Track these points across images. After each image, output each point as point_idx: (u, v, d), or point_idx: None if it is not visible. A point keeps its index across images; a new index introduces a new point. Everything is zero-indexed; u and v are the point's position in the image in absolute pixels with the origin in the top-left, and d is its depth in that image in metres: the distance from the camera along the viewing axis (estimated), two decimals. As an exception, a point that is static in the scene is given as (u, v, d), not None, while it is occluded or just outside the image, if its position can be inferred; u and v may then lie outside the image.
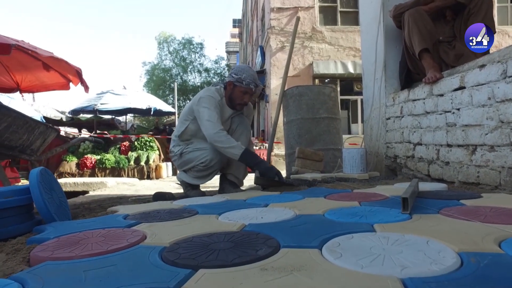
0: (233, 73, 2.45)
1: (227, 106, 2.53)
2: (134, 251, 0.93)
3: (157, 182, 7.72)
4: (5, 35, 5.09)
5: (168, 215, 1.44)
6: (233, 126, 2.60)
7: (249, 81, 2.39)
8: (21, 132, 2.48)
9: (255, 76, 2.47)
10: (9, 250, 1.04)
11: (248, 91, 2.43)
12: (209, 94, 2.45)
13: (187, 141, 2.59)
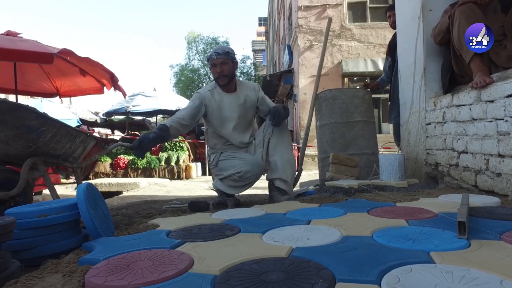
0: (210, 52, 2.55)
1: (223, 92, 2.57)
2: (185, 281, 0.92)
3: (187, 182, 7.85)
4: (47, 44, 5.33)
5: (210, 232, 1.43)
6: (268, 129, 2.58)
7: (212, 53, 2.48)
8: (64, 141, 2.56)
9: (221, 47, 2.56)
10: (64, 271, 1.06)
11: (214, 62, 2.47)
12: (199, 90, 2.66)
13: (219, 148, 2.62)
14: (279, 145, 2.55)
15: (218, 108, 2.53)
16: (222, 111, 2.54)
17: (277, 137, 2.55)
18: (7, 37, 5.21)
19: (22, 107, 2.21)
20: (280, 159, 2.53)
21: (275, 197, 2.55)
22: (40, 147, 2.40)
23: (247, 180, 2.42)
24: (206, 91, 2.57)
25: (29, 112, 2.24)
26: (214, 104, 2.53)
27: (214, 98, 2.53)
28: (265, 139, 2.59)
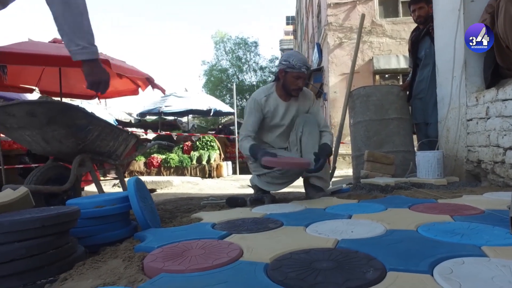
0: (283, 61, 2.42)
1: (280, 98, 2.52)
2: (238, 267, 0.96)
3: (219, 181, 7.98)
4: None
5: (253, 225, 1.47)
6: (299, 128, 2.57)
7: (300, 65, 2.36)
8: (108, 139, 2.70)
9: (304, 59, 2.42)
10: (123, 257, 1.14)
11: (300, 75, 2.39)
12: (254, 95, 2.56)
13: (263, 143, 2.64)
14: (311, 143, 2.55)
15: (271, 116, 2.52)
16: (273, 119, 2.53)
17: (308, 136, 2.55)
18: (54, 44, 5.55)
19: (73, 107, 2.35)
20: (313, 157, 2.54)
21: (311, 193, 2.56)
22: (87, 144, 2.54)
23: (289, 178, 2.44)
24: (262, 97, 2.50)
25: (79, 112, 2.38)
26: (267, 111, 2.51)
27: (269, 105, 2.50)
28: (297, 137, 2.61)
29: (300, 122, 2.58)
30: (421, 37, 3.60)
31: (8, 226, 0.98)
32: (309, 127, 2.56)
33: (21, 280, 0.97)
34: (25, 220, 1.00)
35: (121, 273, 1.00)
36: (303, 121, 2.58)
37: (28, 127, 2.33)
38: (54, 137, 2.40)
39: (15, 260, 0.96)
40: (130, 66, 6.17)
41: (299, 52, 2.50)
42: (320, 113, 2.70)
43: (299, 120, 2.59)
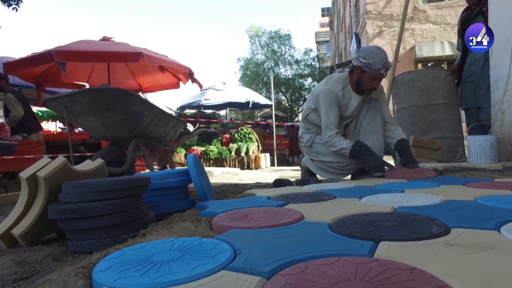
0: (361, 57, 2.27)
1: (353, 91, 2.42)
2: (303, 225, 1.02)
3: (257, 172, 8.08)
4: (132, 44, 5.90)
5: (308, 197, 1.53)
6: (361, 112, 2.52)
7: (379, 66, 2.22)
8: (160, 125, 2.86)
9: (385, 60, 2.26)
10: (191, 220, 1.24)
11: (378, 76, 2.27)
12: (328, 86, 2.41)
13: (315, 131, 2.62)
14: (370, 129, 2.50)
15: (344, 108, 2.45)
16: (346, 111, 2.46)
17: (369, 121, 2.50)
18: (103, 42, 5.90)
19: (130, 93, 2.52)
20: (370, 144, 2.45)
21: (358, 177, 2.56)
22: (141, 130, 2.71)
23: (347, 171, 2.44)
24: (339, 90, 2.40)
25: (135, 98, 2.54)
26: (342, 104, 2.43)
27: (344, 97, 2.42)
28: (357, 122, 2.56)
29: (363, 107, 2.53)
30: (472, 17, 3.45)
31: (96, 186, 1.10)
32: (372, 113, 2.51)
33: (108, 233, 1.10)
34: (109, 182, 1.12)
35: (193, 230, 1.09)
36: (367, 106, 2.52)
37: (91, 113, 2.53)
38: (112, 123, 2.58)
39: (104, 215, 1.08)
40: (172, 60, 6.41)
41: (379, 48, 2.30)
42: (386, 104, 2.62)
43: (364, 106, 2.52)
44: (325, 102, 2.36)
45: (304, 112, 2.64)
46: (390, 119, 2.58)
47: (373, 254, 0.74)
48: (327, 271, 0.64)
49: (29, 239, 1.18)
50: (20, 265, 1.00)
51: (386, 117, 2.54)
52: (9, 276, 0.92)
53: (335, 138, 2.33)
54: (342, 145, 2.30)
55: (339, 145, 2.30)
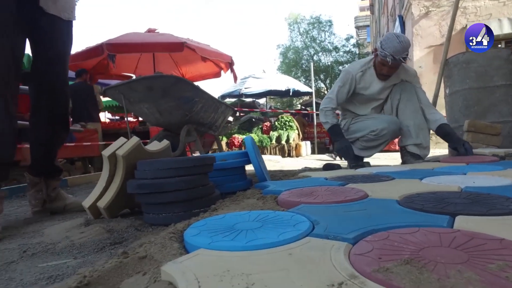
0: (380, 41, 2.36)
1: (377, 76, 2.48)
2: (371, 201, 1.04)
3: (299, 159, 8.07)
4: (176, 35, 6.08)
5: (365, 179, 1.53)
6: (395, 95, 2.53)
7: (385, 53, 2.24)
8: (210, 111, 2.95)
9: (397, 49, 2.23)
10: (256, 197, 1.29)
11: (384, 62, 2.31)
12: (349, 68, 2.55)
13: (350, 115, 2.68)
14: (409, 110, 2.49)
15: (365, 89, 2.51)
16: (365, 90, 2.51)
17: (406, 103, 2.49)
18: (148, 33, 6.13)
19: (182, 80, 2.62)
20: (412, 124, 2.48)
21: (408, 161, 2.51)
22: (193, 116, 2.81)
23: (383, 138, 2.44)
24: (358, 71, 2.49)
25: (187, 84, 2.64)
26: (362, 85, 2.50)
27: (365, 80, 2.49)
28: (393, 106, 2.56)
29: (396, 90, 2.53)
30: None
31: (169, 163, 1.19)
32: (407, 94, 2.50)
33: (181, 208, 1.18)
34: (181, 160, 1.20)
35: (261, 206, 1.14)
36: (400, 89, 2.53)
37: (146, 100, 2.66)
38: (166, 109, 2.70)
39: (178, 190, 1.16)
40: (214, 49, 6.52)
41: (399, 37, 2.27)
42: (421, 88, 2.60)
43: (396, 89, 2.54)
44: (340, 79, 2.56)
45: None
46: (427, 102, 2.55)
47: (452, 227, 0.75)
48: (411, 238, 0.66)
49: (111, 211, 1.29)
50: (110, 232, 1.11)
51: (422, 101, 2.52)
52: (105, 240, 1.03)
53: (329, 111, 2.51)
54: (329, 119, 2.49)
55: (327, 119, 2.50)
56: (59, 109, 1.64)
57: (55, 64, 1.59)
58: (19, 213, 1.82)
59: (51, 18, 1.54)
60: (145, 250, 0.73)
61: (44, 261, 0.90)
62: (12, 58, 1.38)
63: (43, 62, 1.56)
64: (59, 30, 1.59)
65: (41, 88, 1.59)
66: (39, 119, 1.61)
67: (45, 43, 1.56)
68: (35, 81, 1.58)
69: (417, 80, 2.61)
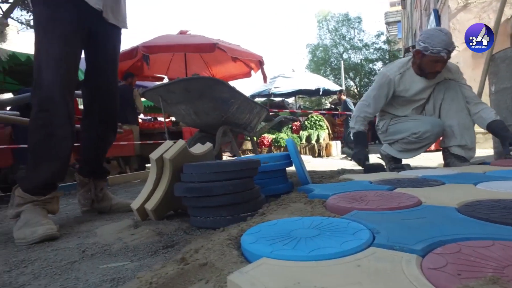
0: (421, 41, 2.23)
1: (417, 75, 2.37)
2: (429, 209, 0.99)
3: (329, 159, 7.96)
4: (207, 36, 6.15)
5: (413, 183, 1.47)
6: (438, 95, 2.42)
7: (438, 49, 2.14)
8: (245, 112, 2.96)
9: (447, 41, 2.15)
10: (302, 201, 1.28)
11: (439, 59, 2.19)
12: (386, 71, 2.44)
13: (389, 116, 2.59)
14: (453, 109, 2.37)
15: (405, 91, 2.41)
16: (407, 92, 2.41)
17: (450, 102, 2.38)
18: (180, 35, 6.25)
19: (219, 82, 2.64)
20: (456, 124, 2.36)
21: (453, 164, 2.40)
22: (229, 117, 2.82)
23: (425, 141, 2.34)
24: (396, 74, 2.38)
25: (224, 86, 2.66)
26: (402, 88, 2.40)
27: (404, 82, 2.39)
28: (436, 106, 2.45)
29: (440, 89, 2.43)
30: None
31: (217, 167, 1.19)
32: (451, 93, 2.39)
33: (228, 212, 1.18)
34: (228, 164, 1.20)
35: (310, 211, 1.12)
36: (444, 88, 2.42)
37: (183, 101, 2.70)
38: (203, 110, 2.73)
39: (226, 194, 1.16)
40: (245, 49, 6.55)
41: (441, 30, 2.22)
42: (466, 85, 2.46)
43: (439, 87, 2.43)
44: (376, 83, 2.45)
45: None
46: (475, 98, 2.41)
47: (531, 239, 0.70)
48: (487, 253, 0.62)
49: (158, 213, 1.32)
50: (160, 235, 1.13)
51: (469, 97, 2.38)
52: (157, 243, 1.05)
53: (360, 119, 2.43)
54: (357, 126, 2.43)
55: (356, 125, 2.44)
56: (110, 112, 1.71)
57: (109, 69, 1.67)
58: (68, 211, 1.90)
59: (109, 27, 1.64)
60: (205, 257, 0.73)
61: (103, 263, 0.92)
62: (74, 66, 1.46)
63: (99, 68, 1.63)
64: (114, 37, 1.70)
65: (95, 92, 1.66)
66: (91, 121, 1.68)
67: (102, 50, 1.64)
68: (89, 85, 1.65)
69: (460, 76, 2.48)
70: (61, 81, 1.39)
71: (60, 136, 1.40)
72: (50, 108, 1.37)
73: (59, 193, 1.48)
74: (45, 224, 1.27)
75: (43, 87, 1.37)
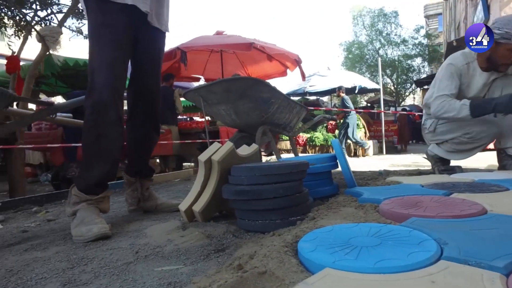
0: (496, 28, 2.01)
1: (480, 69, 2.17)
2: (496, 218, 0.92)
3: (365, 159, 7.74)
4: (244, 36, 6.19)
5: (470, 187, 1.38)
6: (495, 92, 2.20)
7: None
8: (285, 112, 2.93)
9: None
10: (353, 205, 1.23)
11: None
12: (451, 61, 2.22)
13: None
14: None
15: (466, 86, 2.21)
16: (468, 91, 2.22)
17: None
18: (217, 36, 6.34)
19: (260, 81, 2.63)
20: None
21: (510, 167, 2.23)
22: (268, 117, 2.81)
23: (479, 141, 2.17)
24: (463, 63, 2.19)
25: (264, 86, 2.64)
26: (464, 81, 2.20)
27: (468, 73, 2.19)
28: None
29: (497, 86, 2.23)
30: None
31: (267, 170, 1.18)
32: (509, 89, 2.20)
33: (278, 215, 1.16)
34: (278, 166, 1.18)
35: (362, 216, 1.08)
36: (501, 84, 2.22)
37: (224, 102, 2.72)
38: (243, 110, 2.73)
39: (276, 197, 1.15)
40: (280, 48, 6.51)
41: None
42: None
43: (497, 84, 2.23)
44: (444, 73, 2.18)
45: (427, 97, 2.43)
46: None
47: None
48: None
49: (205, 215, 1.33)
50: (209, 238, 1.13)
51: None
52: (207, 247, 1.05)
53: (450, 101, 2.07)
54: (456, 106, 2.03)
55: (456, 107, 2.03)
56: (153, 113, 1.75)
57: (153, 71, 1.71)
58: (115, 209, 1.97)
59: (154, 31, 1.68)
60: (263, 265, 0.72)
61: (158, 265, 0.94)
62: (124, 70, 1.51)
63: (143, 71, 1.67)
64: (158, 40, 1.73)
65: (140, 93, 1.70)
66: (135, 122, 1.72)
67: (147, 53, 1.68)
68: (134, 86, 1.70)
69: None
70: (111, 84, 1.44)
71: (110, 137, 1.45)
72: (102, 110, 1.42)
73: (109, 192, 1.54)
74: (98, 223, 1.32)
75: (95, 91, 1.43)
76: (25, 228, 1.69)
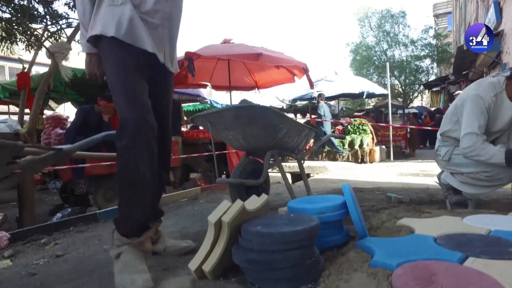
0: None
1: (507, 100, 2.07)
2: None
3: (373, 166, 7.69)
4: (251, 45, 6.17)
5: (486, 246, 1.34)
6: None
7: None
8: (294, 135, 2.91)
9: None
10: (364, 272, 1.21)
11: None
12: (478, 91, 2.09)
13: (453, 143, 2.36)
14: None
15: (492, 119, 2.10)
16: (494, 124, 2.12)
17: None
18: (224, 44, 6.32)
19: (269, 110, 2.61)
20: None
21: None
22: (277, 141, 2.79)
23: (498, 181, 2.09)
24: (492, 96, 2.07)
25: (274, 114, 2.63)
26: (492, 115, 2.09)
27: (496, 106, 2.08)
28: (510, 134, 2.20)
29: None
30: None
31: (279, 237, 1.15)
32: None
33: (288, 284, 1.14)
34: (290, 233, 1.16)
35: (376, 290, 1.05)
36: None
37: (232, 128, 2.70)
38: (251, 135, 2.72)
39: (287, 267, 1.13)
40: (289, 57, 6.49)
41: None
42: None
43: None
44: (473, 108, 2.06)
45: (444, 126, 2.35)
46: None
47: None
48: None
49: (214, 274, 1.32)
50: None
51: None
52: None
53: (482, 144, 1.99)
54: (491, 151, 1.96)
55: (488, 152, 1.96)
56: (165, 154, 1.74)
57: (166, 112, 1.73)
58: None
59: (165, 72, 1.70)
60: None
61: None
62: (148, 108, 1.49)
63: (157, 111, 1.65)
64: (170, 81, 1.77)
65: None
66: None
67: (160, 94, 1.69)
68: None
69: None
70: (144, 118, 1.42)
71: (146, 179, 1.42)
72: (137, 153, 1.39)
73: (151, 232, 1.54)
74: (142, 273, 1.32)
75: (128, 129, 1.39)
76: (33, 270, 1.70)
